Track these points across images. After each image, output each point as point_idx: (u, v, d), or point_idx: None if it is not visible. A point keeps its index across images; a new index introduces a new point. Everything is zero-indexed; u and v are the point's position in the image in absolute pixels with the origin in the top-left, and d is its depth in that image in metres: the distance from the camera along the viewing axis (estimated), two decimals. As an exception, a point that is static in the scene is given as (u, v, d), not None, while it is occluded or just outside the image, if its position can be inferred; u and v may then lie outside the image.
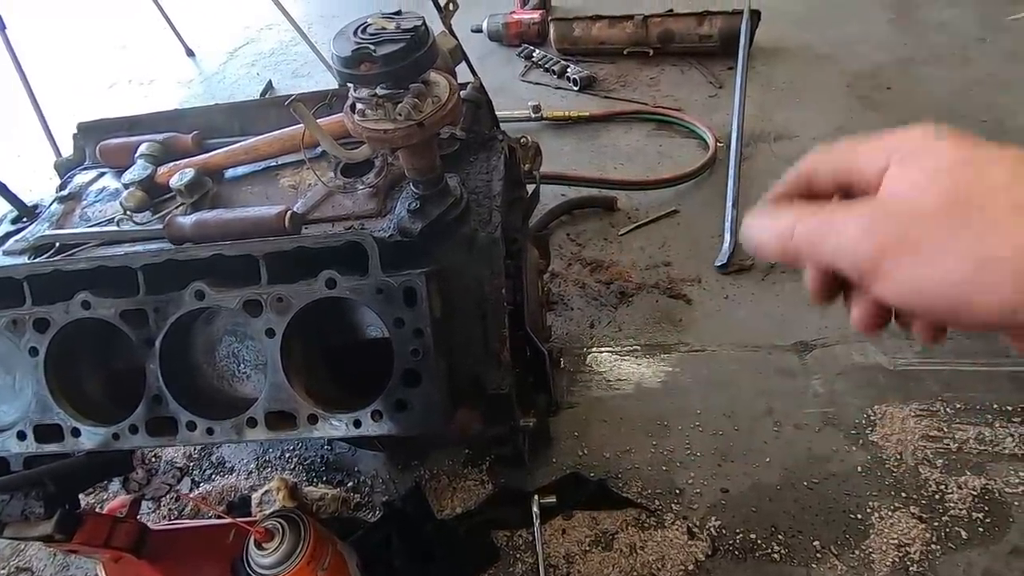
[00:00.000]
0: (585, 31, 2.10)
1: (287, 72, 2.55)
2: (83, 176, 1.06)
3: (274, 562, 0.80)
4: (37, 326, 0.73)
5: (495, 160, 0.89)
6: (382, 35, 0.63)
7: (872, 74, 1.86)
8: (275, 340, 0.69)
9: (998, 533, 0.95)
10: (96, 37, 3.21)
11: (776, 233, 0.34)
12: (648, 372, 1.26)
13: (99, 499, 1.26)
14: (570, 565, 1.01)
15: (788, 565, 0.96)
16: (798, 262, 0.34)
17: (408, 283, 0.67)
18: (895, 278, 0.29)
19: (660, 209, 1.57)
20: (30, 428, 0.73)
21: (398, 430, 0.68)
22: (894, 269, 0.29)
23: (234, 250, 0.71)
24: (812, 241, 0.32)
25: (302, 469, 1.22)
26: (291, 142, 0.94)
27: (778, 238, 0.34)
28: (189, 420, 0.71)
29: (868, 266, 0.30)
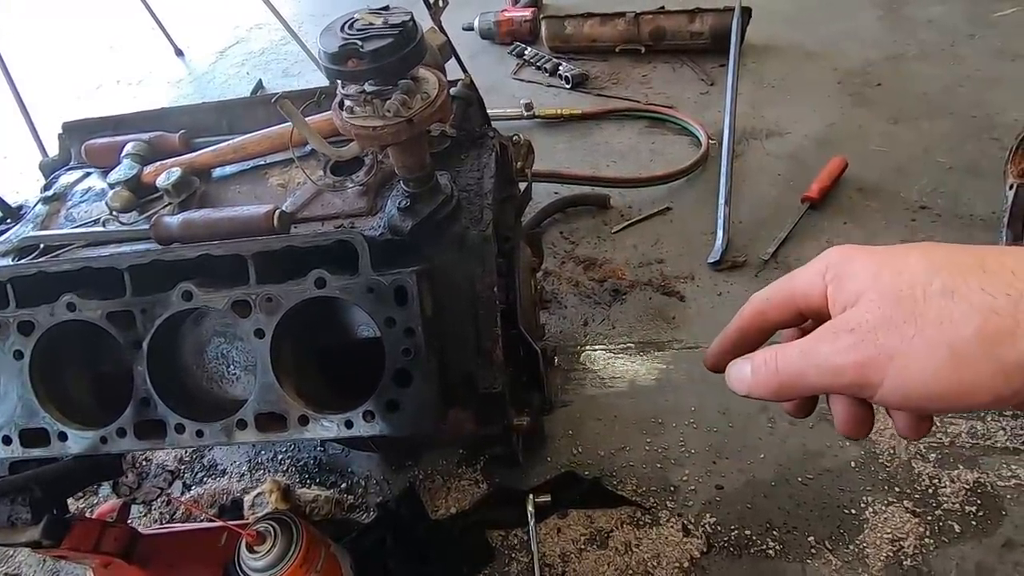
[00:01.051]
0: (577, 29, 2.10)
1: (277, 71, 2.53)
2: (68, 176, 1.05)
3: (266, 565, 0.79)
4: (21, 329, 0.71)
5: (486, 158, 0.88)
6: (369, 31, 0.62)
7: (862, 71, 1.87)
8: (264, 341, 0.68)
9: (991, 526, 0.95)
10: (84, 37, 3.18)
11: (762, 373, 0.37)
12: (642, 370, 1.25)
13: (88, 503, 1.25)
14: (565, 564, 1.01)
15: (783, 561, 0.96)
16: (792, 394, 0.36)
17: (399, 282, 0.67)
18: (886, 388, 0.31)
19: (653, 207, 1.57)
20: (15, 432, 0.72)
21: (390, 430, 0.67)
22: (881, 381, 0.31)
23: (222, 250, 0.70)
24: (799, 374, 0.35)
25: (295, 471, 1.21)
26: (279, 140, 0.93)
27: (765, 377, 0.36)
28: (178, 423, 0.70)
29: (858, 385, 0.32)
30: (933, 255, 0.32)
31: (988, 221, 1.37)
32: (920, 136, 1.62)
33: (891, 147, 1.61)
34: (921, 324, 0.30)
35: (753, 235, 1.45)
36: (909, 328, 0.30)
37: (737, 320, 0.43)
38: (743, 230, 1.47)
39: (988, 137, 1.57)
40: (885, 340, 0.31)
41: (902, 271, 0.32)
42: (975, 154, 1.54)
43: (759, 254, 1.40)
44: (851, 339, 0.32)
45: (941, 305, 0.30)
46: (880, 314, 0.31)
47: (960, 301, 0.29)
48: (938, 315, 0.30)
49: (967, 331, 0.29)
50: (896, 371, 0.31)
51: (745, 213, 1.51)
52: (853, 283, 0.34)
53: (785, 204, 1.50)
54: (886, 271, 0.33)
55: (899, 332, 0.31)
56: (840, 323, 0.33)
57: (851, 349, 0.32)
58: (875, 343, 0.31)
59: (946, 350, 0.29)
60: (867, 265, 0.34)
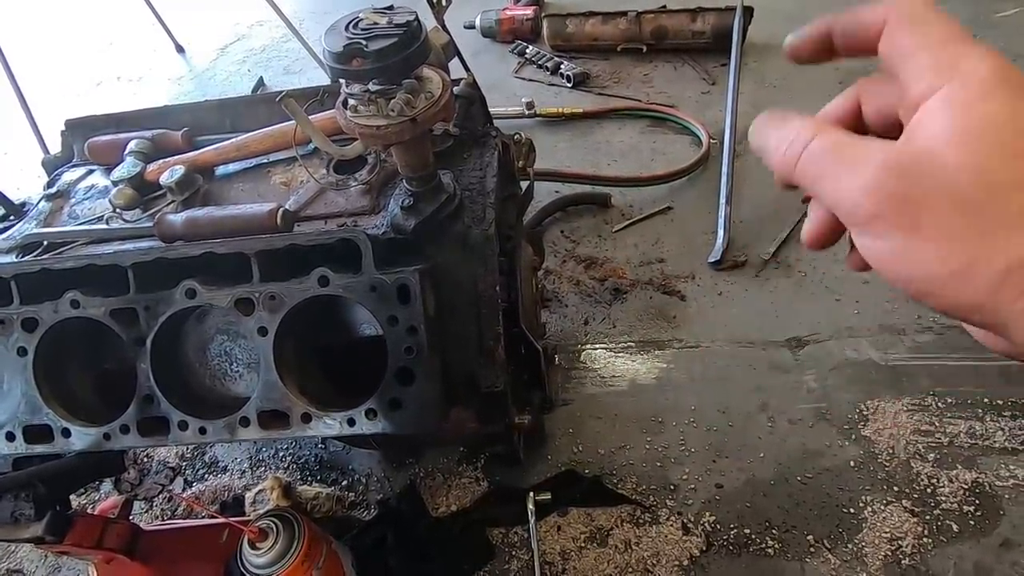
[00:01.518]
0: (578, 27, 2.09)
1: (279, 69, 2.53)
2: (71, 174, 1.05)
3: (268, 562, 0.80)
4: (25, 325, 0.72)
5: (488, 157, 0.89)
6: (374, 30, 0.62)
7: (864, 70, 1.84)
8: (268, 339, 0.69)
9: (988, 526, 0.96)
10: (84, 34, 3.17)
11: (787, 141, 0.30)
12: (642, 369, 1.26)
13: (91, 500, 1.25)
14: (565, 562, 1.01)
15: (782, 560, 0.97)
16: (795, 183, 0.31)
17: (402, 280, 0.67)
18: (880, 246, 0.27)
19: (654, 206, 1.57)
20: (19, 429, 0.73)
21: (392, 428, 0.67)
22: (883, 237, 0.27)
23: (225, 248, 0.70)
24: (818, 169, 0.29)
25: (296, 468, 1.21)
26: (283, 139, 0.93)
27: (787, 149, 0.30)
28: (181, 420, 0.70)
29: (859, 220, 0.28)
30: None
31: (988, 222, 1.37)
32: (921, 137, 1.62)
33: (892, 147, 1.61)
34: (955, 220, 0.25)
35: (754, 235, 1.45)
36: (946, 211, 0.25)
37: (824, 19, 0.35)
38: (744, 230, 1.47)
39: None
40: (910, 210, 0.26)
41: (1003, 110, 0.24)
42: (976, 155, 1.54)
43: (760, 254, 1.41)
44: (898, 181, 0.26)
45: (986, 218, 0.24)
46: (955, 187, 0.25)
47: (1000, 230, 0.24)
48: (982, 226, 0.24)
49: (996, 265, 0.24)
50: (902, 242, 0.26)
51: (746, 213, 1.51)
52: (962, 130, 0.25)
53: (786, 204, 1.50)
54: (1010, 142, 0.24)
55: (930, 212, 0.25)
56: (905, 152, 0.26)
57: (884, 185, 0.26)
58: (899, 201, 0.26)
59: (960, 261, 0.25)
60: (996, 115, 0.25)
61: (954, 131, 0.25)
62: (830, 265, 1.37)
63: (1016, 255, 0.24)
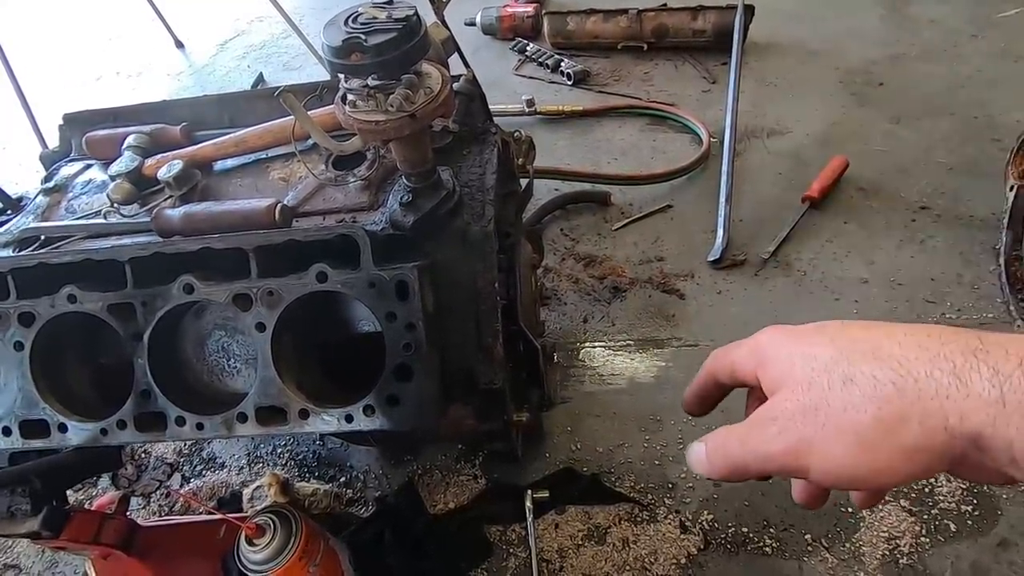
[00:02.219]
0: (579, 25, 2.09)
1: (278, 65, 2.52)
2: (69, 168, 1.05)
3: (265, 558, 0.79)
4: (22, 320, 0.71)
5: (488, 153, 0.88)
6: (373, 24, 0.62)
7: (864, 70, 1.86)
8: (265, 334, 0.68)
9: (986, 526, 0.96)
10: (84, 28, 3.16)
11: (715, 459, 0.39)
12: (641, 367, 1.26)
13: (88, 495, 1.25)
14: (563, 559, 1.01)
15: (780, 558, 0.97)
16: (744, 476, 0.39)
17: (400, 277, 0.67)
18: (814, 471, 0.34)
19: (653, 204, 1.57)
20: (15, 424, 0.72)
21: (390, 425, 0.67)
22: (808, 465, 0.34)
23: (223, 243, 0.70)
24: (742, 461, 0.37)
25: (294, 465, 1.21)
26: (281, 134, 0.93)
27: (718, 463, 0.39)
28: (178, 415, 0.70)
29: (791, 469, 0.35)
30: (838, 341, 0.35)
31: (988, 222, 1.37)
32: (921, 136, 1.62)
33: (892, 147, 1.61)
34: (828, 412, 0.33)
35: (753, 234, 1.45)
36: (821, 415, 0.33)
37: (699, 375, 0.47)
38: (743, 229, 1.47)
39: (989, 138, 1.57)
40: (803, 428, 0.34)
41: (813, 358, 0.35)
42: (976, 155, 1.54)
43: (759, 253, 1.40)
44: (775, 428, 0.35)
45: (843, 393, 0.33)
46: (796, 402, 0.35)
47: (857, 389, 0.32)
48: (842, 402, 0.33)
49: (866, 418, 0.32)
50: (818, 457, 0.34)
51: (746, 212, 1.51)
52: (775, 369, 0.38)
53: (786, 203, 1.50)
54: (799, 359, 0.36)
55: (814, 420, 0.34)
56: (767, 411, 0.37)
57: (777, 438, 0.35)
58: (796, 431, 0.34)
59: (853, 436, 0.32)
60: (786, 352, 0.37)
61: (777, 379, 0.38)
62: (829, 264, 1.36)
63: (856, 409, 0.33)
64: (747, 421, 0.38)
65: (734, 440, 0.38)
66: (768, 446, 0.36)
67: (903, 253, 1.36)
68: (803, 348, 0.37)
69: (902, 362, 0.32)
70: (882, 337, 0.34)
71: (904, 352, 0.32)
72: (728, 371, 0.44)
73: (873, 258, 1.36)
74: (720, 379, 0.45)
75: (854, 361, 0.33)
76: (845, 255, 1.38)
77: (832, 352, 0.35)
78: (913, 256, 1.35)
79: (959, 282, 1.28)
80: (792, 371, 0.36)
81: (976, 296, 1.25)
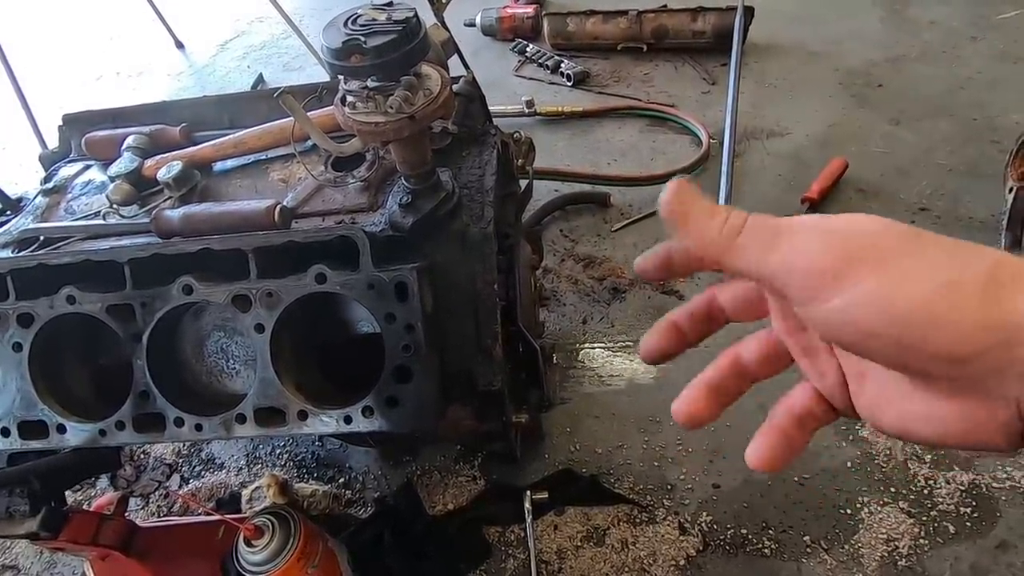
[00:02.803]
0: (579, 26, 2.09)
1: (278, 65, 2.52)
2: (68, 169, 1.05)
3: (263, 559, 0.79)
4: (21, 321, 0.71)
5: (488, 155, 0.88)
6: (373, 26, 0.62)
7: (864, 71, 1.86)
8: (264, 336, 0.68)
9: (985, 527, 0.96)
10: (84, 28, 3.16)
11: (721, 219, 0.30)
12: (640, 368, 1.26)
13: (87, 496, 1.25)
14: (562, 561, 1.01)
15: (779, 560, 0.97)
16: (729, 262, 0.30)
17: (399, 278, 0.67)
18: (856, 294, 0.26)
19: (653, 205, 1.57)
20: (14, 424, 0.72)
21: (389, 426, 0.67)
22: (857, 283, 0.26)
23: (223, 244, 0.70)
24: (762, 243, 0.28)
25: (293, 465, 1.21)
26: (281, 135, 0.93)
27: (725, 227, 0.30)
28: (177, 416, 0.70)
29: (825, 279, 0.26)
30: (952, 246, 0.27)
31: (987, 223, 1.37)
32: (921, 138, 1.62)
33: (892, 148, 1.61)
34: (924, 247, 0.26)
35: (753, 235, 1.45)
36: (911, 246, 0.26)
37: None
38: (743, 230, 1.47)
39: (989, 139, 1.57)
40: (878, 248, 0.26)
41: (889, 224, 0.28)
42: (975, 156, 1.54)
43: (759, 254, 1.40)
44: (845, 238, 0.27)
45: (950, 245, 0.26)
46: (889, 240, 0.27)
47: (969, 249, 0.25)
48: (948, 249, 0.26)
49: (980, 266, 0.25)
50: (879, 278, 0.25)
51: (745, 213, 1.51)
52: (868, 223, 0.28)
53: (785, 204, 1.50)
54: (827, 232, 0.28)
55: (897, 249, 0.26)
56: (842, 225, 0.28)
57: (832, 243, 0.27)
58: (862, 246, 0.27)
59: (945, 276, 0.25)
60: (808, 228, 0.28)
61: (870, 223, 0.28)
62: (829, 266, 1.36)
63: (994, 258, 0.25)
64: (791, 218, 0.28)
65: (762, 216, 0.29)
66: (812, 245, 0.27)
67: (902, 255, 1.36)
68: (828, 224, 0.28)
69: None
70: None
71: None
72: None
73: (872, 259, 1.36)
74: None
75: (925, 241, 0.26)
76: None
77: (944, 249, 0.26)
78: (912, 258, 1.35)
79: (958, 284, 1.28)
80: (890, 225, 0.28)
81: (975, 298, 1.25)
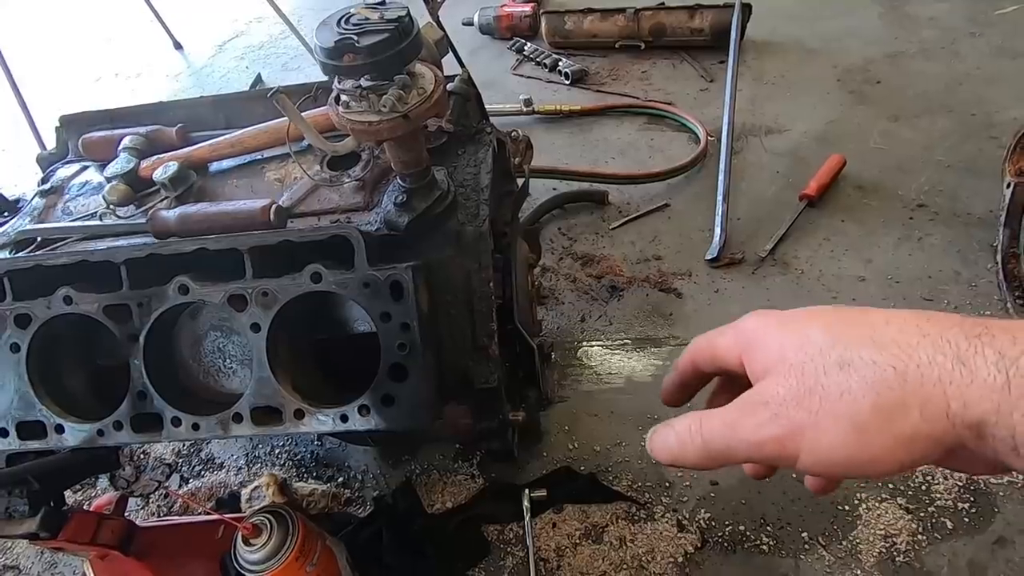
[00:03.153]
0: (577, 24, 2.09)
1: (277, 65, 2.52)
2: (66, 170, 1.05)
3: (262, 558, 0.80)
4: (18, 322, 0.72)
5: (483, 153, 0.88)
6: (365, 25, 0.62)
7: (862, 68, 1.86)
8: (260, 335, 0.68)
9: (983, 523, 0.96)
10: (82, 29, 3.16)
11: (689, 445, 0.37)
12: (638, 366, 1.26)
13: (86, 496, 1.25)
14: (560, 558, 1.01)
15: (777, 556, 0.97)
16: (718, 463, 0.37)
17: (395, 277, 0.67)
18: (804, 458, 0.33)
19: (651, 203, 1.57)
20: (12, 425, 0.73)
21: (385, 425, 0.67)
22: (798, 453, 0.33)
23: (219, 244, 0.70)
24: (726, 447, 0.36)
25: (292, 465, 1.21)
26: (277, 135, 0.93)
27: (690, 439, 0.37)
28: (174, 416, 0.70)
29: (779, 457, 0.34)
30: (832, 326, 0.34)
31: (985, 219, 1.37)
32: (919, 134, 1.62)
33: (890, 145, 1.61)
34: (823, 398, 0.32)
35: (751, 232, 1.45)
36: (814, 401, 0.32)
37: (678, 363, 0.46)
38: (741, 227, 1.47)
39: (987, 136, 1.57)
40: (795, 414, 0.33)
41: (804, 344, 0.34)
42: (974, 152, 1.54)
43: (757, 251, 1.40)
44: (767, 413, 0.34)
45: (839, 378, 0.32)
46: (788, 388, 0.34)
47: (854, 375, 0.31)
48: (838, 388, 0.32)
49: (864, 405, 0.31)
50: (809, 443, 0.32)
51: (743, 210, 1.51)
52: (764, 354, 0.36)
53: (783, 201, 1.50)
54: (790, 344, 0.35)
55: (807, 406, 0.32)
56: (756, 396, 0.35)
57: (768, 423, 0.34)
58: (788, 417, 0.33)
59: (848, 423, 0.31)
60: (775, 337, 0.36)
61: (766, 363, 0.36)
62: (827, 263, 1.36)
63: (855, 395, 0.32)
64: (732, 405, 0.36)
65: (717, 424, 0.36)
66: (758, 432, 0.34)
67: (901, 251, 1.36)
68: (795, 332, 0.35)
69: (903, 347, 0.30)
70: (880, 322, 0.33)
71: (904, 337, 0.31)
72: (709, 357, 0.42)
73: (871, 256, 1.36)
74: (700, 366, 0.44)
75: (851, 345, 0.32)
76: (843, 253, 1.38)
77: (827, 336, 0.33)
78: (911, 254, 1.35)
79: (956, 280, 1.28)
80: (783, 355, 0.35)
81: (974, 294, 1.25)
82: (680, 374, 0.46)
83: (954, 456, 0.31)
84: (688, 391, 0.47)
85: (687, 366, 0.45)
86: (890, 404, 0.30)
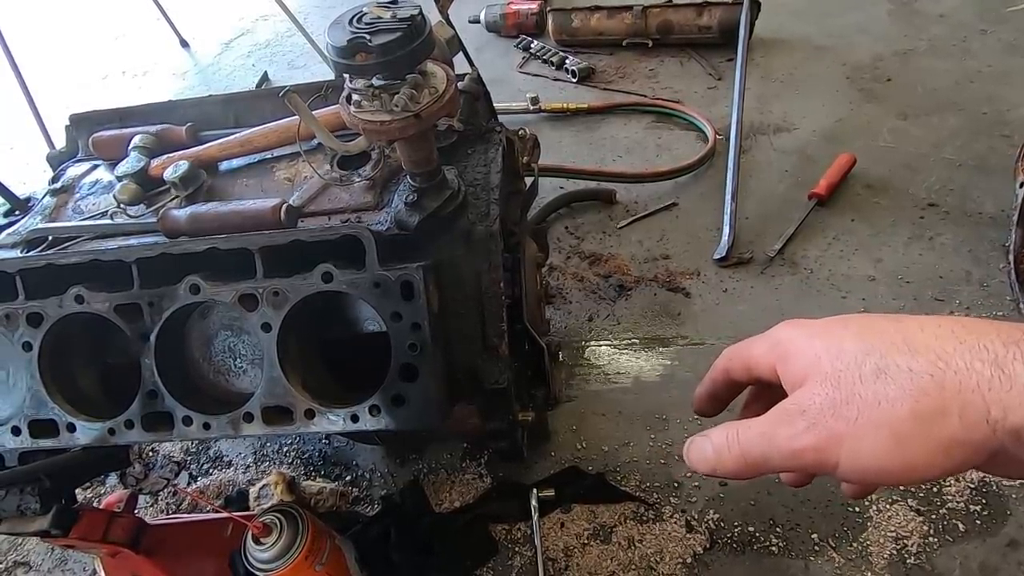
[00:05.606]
0: (583, 22, 2.08)
1: (283, 63, 2.52)
2: (76, 169, 1.05)
3: (272, 556, 0.80)
4: (30, 320, 0.72)
5: (493, 152, 0.88)
6: (378, 24, 0.62)
7: (872, 65, 1.85)
8: (271, 334, 0.68)
9: (995, 526, 0.95)
10: (89, 28, 3.17)
11: (724, 446, 0.38)
12: (646, 365, 1.25)
13: (96, 494, 1.26)
14: (568, 558, 1.01)
15: (786, 558, 0.97)
16: (757, 473, 0.37)
17: (405, 277, 0.67)
18: (843, 467, 0.33)
19: (659, 202, 1.57)
20: (25, 423, 0.73)
21: (396, 425, 0.67)
22: (837, 461, 0.33)
23: (229, 244, 0.70)
24: (763, 457, 0.36)
25: (300, 463, 1.22)
26: (286, 134, 0.93)
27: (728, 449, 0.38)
28: (185, 415, 0.70)
29: (818, 465, 0.34)
30: (866, 334, 0.34)
31: (997, 219, 1.36)
32: (929, 132, 1.60)
33: (900, 143, 1.59)
34: (861, 406, 0.32)
35: (759, 231, 1.44)
36: (852, 410, 0.32)
37: (710, 373, 0.46)
38: (749, 226, 1.46)
39: (998, 134, 1.55)
40: (833, 423, 0.33)
41: (840, 352, 0.34)
42: (985, 151, 1.52)
43: (765, 251, 1.40)
44: (804, 422, 0.34)
45: (876, 386, 0.32)
46: (825, 396, 0.34)
47: (891, 382, 0.31)
48: (875, 396, 0.32)
49: (902, 412, 0.31)
50: (848, 452, 0.33)
51: (752, 209, 1.50)
52: (798, 363, 0.37)
53: (792, 200, 1.49)
54: (825, 353, 0.35)
55: (844, 414, 0.33)
56: (793, 405, 0.35)
57: (806, 432, 0.34)
58: (825, 426, 0.33)
59: (887, 431, 0.31)
60: (810, 346, 0.36)
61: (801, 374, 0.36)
62: (836, 262, 1.36)
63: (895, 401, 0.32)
64: (769, 415, 0.36)
65: (754, 434, 0.36)
66: (795, 441, 0.34)
67: (911, 251, 1.35)
68: (829, 341, 0.35)
69: (940, 354, 0.31)
70: (914, 329, 0.33)
71: (940, 343, 0.31)
72: (744, 367, 0.42)
73: (880, 256, 1.35)
74: (734, 376, 0.44)
75: (887, 353, 0.32)
76: (852, 253, 1.37)
77: (861, 345, 0.34)
78: (921, 254, 1.34)
79: (968, 280, 1.27)
80: (818, 365, 0.35)
81: (985, 294, 1.24)
82: (712, 384, 0.46)
83: (995, 460, 0.31)
84: (721, 401, 0.48)
85: (720, 375, 0.45)
86: (929, 411, 0.30)
